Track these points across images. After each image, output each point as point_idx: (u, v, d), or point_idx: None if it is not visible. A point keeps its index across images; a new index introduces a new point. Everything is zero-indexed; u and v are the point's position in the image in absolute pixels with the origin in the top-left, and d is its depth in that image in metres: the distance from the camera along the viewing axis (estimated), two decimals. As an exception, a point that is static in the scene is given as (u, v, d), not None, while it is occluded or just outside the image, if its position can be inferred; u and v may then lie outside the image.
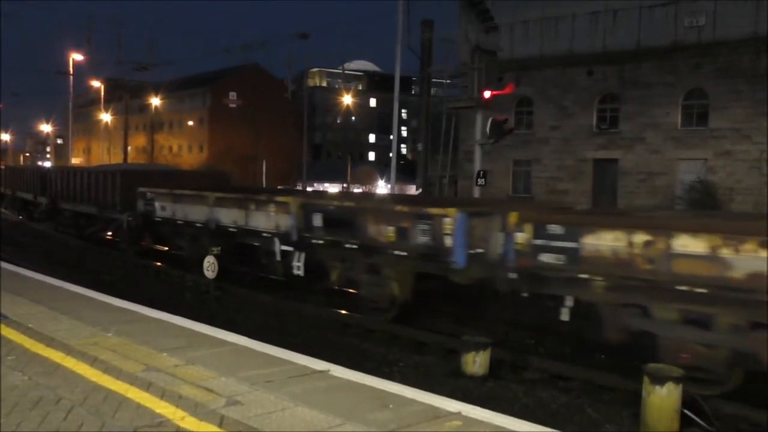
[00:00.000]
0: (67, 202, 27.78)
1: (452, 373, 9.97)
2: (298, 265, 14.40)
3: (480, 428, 5.40)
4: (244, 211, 16.00)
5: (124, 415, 5.47)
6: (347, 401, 5.97)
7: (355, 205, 13.74)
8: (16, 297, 10.34)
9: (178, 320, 9.31)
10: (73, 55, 58.72)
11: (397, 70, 27.04)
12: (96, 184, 24.59)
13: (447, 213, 11.39)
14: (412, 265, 12.25)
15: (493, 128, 20.91)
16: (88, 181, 25.51)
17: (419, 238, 11.79)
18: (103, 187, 23.97)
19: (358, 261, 13.20)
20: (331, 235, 13.60)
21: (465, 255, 11.21)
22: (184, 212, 18.35)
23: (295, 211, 14.43)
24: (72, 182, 27.22)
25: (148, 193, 20.07)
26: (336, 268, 13.78)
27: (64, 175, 28.73)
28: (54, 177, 29.97)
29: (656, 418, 7.68)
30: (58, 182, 29.07)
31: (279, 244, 14.87)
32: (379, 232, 12.56)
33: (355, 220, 13.03)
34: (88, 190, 25.36)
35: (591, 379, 9.74)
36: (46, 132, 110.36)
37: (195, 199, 17.98)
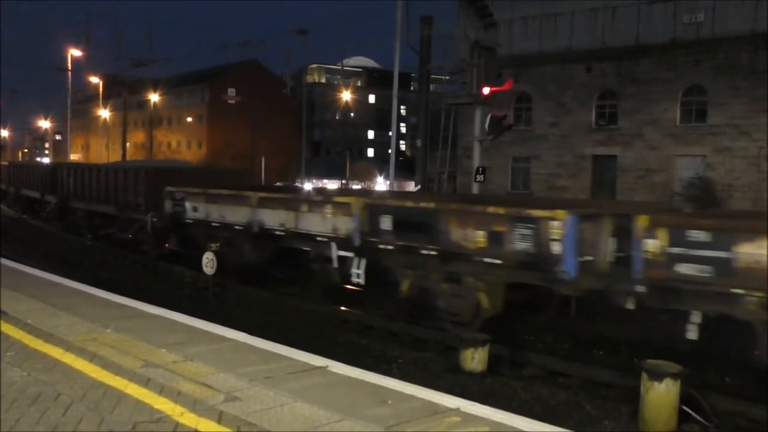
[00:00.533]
0: (80, 201, 26.27)
1: (451, 370, 9.99)
2: (358, 273, 13.11)
3: (478, 424, 5.40)
4: (294, 213, 14.59)
5: (123, 410, 5.47)
6: (346, 397, 5.97)
7: (436, 207, 12.05)
8: (15, 293, 10.33)
9: (177, 316, 9.30)
10: (71, 51, 58.60)
11: (396, 67, 27.01)
12: (115, 183, 23.06)
13: (555, 216, 10.05)
14: (506, 274, 10.90)
15: (492, 124, 20.91)
16: (106, 179, 23.96)
17: (518, 244, 10.45)
18: (123, 186, 22.46)
19: (435, 269, 11.90)
20: (403, 240, 12.24)
21: (575, 263, 9.94)
22: (221, 213, 16.83)
23: (358, 213, 13.06)
24: (86, 180, 25.65)
25: (177, 193, 18.53)
26: (407, 276, 12.40)
27: (77, 173, 27.22)
28: (65, 174, 28.20)
29: (655, 414, 7.69)
30: (70, 180, 27.41)
31: (336, 249, 13.58)
32: (465, 237, 11.20)
33: (435, 223, 11.66)
34: (105, 188, 23.80)
35: (590, 375, 9.75)
36: (45, 128, 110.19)
37: (235, 199, 16.47)
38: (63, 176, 28.35)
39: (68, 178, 27.63)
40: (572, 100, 35.37)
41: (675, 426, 7.74)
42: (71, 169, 28.77)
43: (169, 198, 18.85)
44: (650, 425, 7.71)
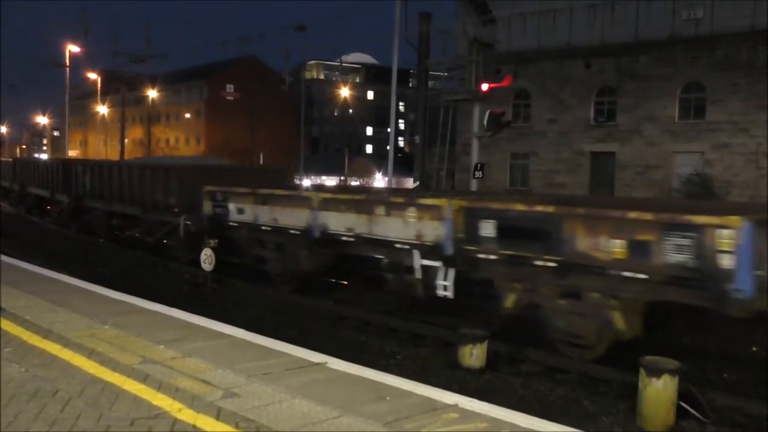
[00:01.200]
0: (97, 200, 24.67)
1: (449, 366, 10.00)
2: (446, 285, 11.59)
3: (477, 420, 5.41)
4: (367, 216, 12.98)
5: (121, 406, 5.47)
6: (344, 393, 5.97)
7: (557, 211, 10.22)
8: (13, 289, 10.33)
9: (175, 312, 9.31)
10: (69, 47, 58.49)
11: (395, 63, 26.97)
12: (141, 182, 21.44)
13: (726, 223, 8.40)
14: (650, 291, 9.24)
15: (491, 121, 20.89)
16: (129, 177, 22.27)
17: (671, 256, 8.85)
18: (151, 185, 20.83)
19: (549, 282, 10.33)
20: (510, 249, 10.63)
21: (752, 280, 8.37)
22: (273, 216, 15.13)
23: (451, 217, 11.47)
24: (106, 178, 23.99)
25: (218, 193, 16.83)
26: (513, 290, 10.83)
27: (94, 170, 25.51)
28: (81, 172, 26.52)
29: (652, 410, 7.71)
30: (86, 178, 25.76)
31: (420, 258, 12.09)
32: (595, 247, 9.57)
33: (555, 230, 10.03)
34: (129, 187, 22.15)
35: (587, 371, 9.76)
36: (43, 124, 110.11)
37: (292, 200, 14.85)
38: (78, 174, 26.74)
39: (84, 175, 26.08)
40: (571, 96, 35.37)
41: (673, 422, 7.76)
42: (88, 166, 26.98)
43: (209, 198, 17.11)
44: (648, 421, 7.73)
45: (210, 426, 5.12)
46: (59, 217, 28.77)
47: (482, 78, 21.18)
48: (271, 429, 5.08)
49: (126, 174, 22.71)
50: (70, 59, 59.35)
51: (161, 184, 20.29)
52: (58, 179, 28.51)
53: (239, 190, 16.34)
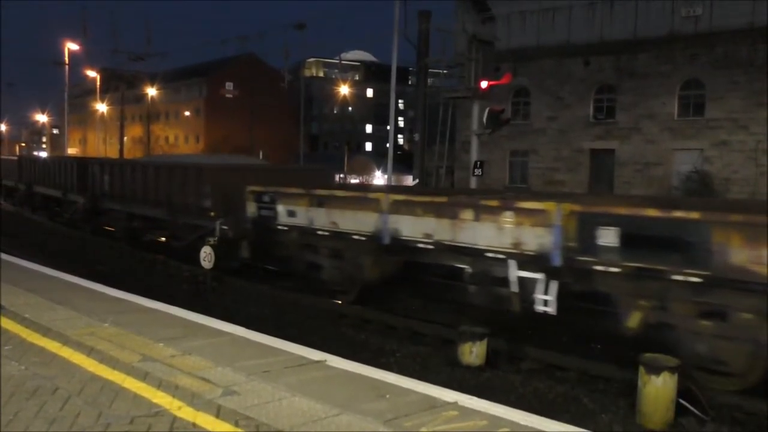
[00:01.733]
0: (116, 202, 22.92)
1: (449, 364, 10.00)
2: (547, 299, 10.27)
3: (476, 418, 5.41)
4: (450, 221, 11.56)
5: (121, 404, 5.47)
6: (344, 391, 5.97)
7: (704, 217, 8.77)
8: (13, 287, 10.32)
9: (175, 310, 9.30)
10: (68, 45, 58.44)
11: (394, 61, 26.97)
12: (169, 182, 19.75)
13: None
14: None
15: (490, 119, 20.90)
16: (155, 178, 20.57)
17: None
18: (181, 186, 19.06)
19: (687, 300, 8.95)
20: (637, 260, 9.21)
21: None
22: (331, 219, 13.52)
23: (559, 223, 10.03)
24: (128, 179, 22.27)
25: (265, 194, 15.21)
26: (639, 308, 9.43)
27: (114, 170, 23.79)
28: (98, 171, 24.66)
29: (652, 407, 7.71)
30: (104, 178, 23.93)
31: (516, 269, 10.73)
32: (755, 260, 8.19)
33: (701, 240, 8.63)
34: (155, 189, 20.46)
35: (587, 369, 9.77)
36: (42, 122, 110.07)
37: (356, 202, 13.23)
38: (95, 173, 24.88)
39: (102, 175, 24.29)
40: (570, 94, 35.38)
41: (672, 419, 7.76)
42: (107, 165, 25.19)
43: (254, 200, 15.49)
44: (648, 419, 7.73)
45: (210, 424, 5.12)
46: (72, 218, 26.92)
47: (481, 76, 21.20)
48: (270, 427, 5.07)
49: (152, 174, 20.85)
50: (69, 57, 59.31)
51: (193, 185, 18.44)
52: (72, 178, 26.59)
53: (291, 191, 14.67)
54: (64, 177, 27.61)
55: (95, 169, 25.08)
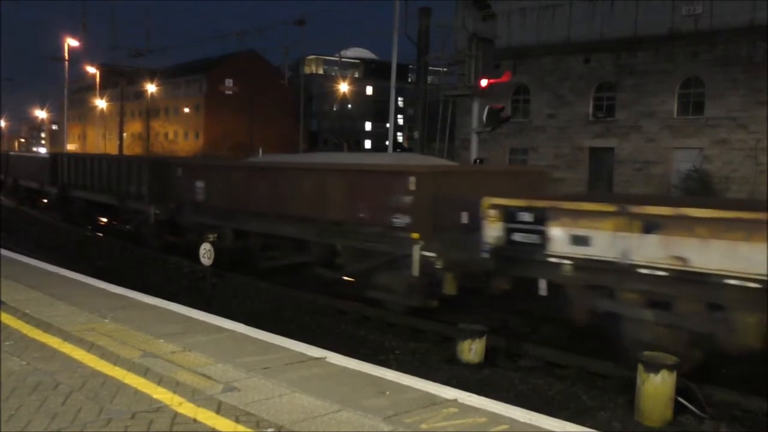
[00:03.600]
0: (227, 218, 16.95)
1: (448, 361, 10.02)
2: None
3: (476, 415, 5.44)
4: None
5: (121, 400, 5.49)
6: (344, 388, 6.00)
7: None
8: (13, 282, 10.34)
9: (175, 307, 9.33)
10: (68, 41, 58.39)
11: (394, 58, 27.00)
12: (331, 190, 14.07)
13: None
14: None
15: (490, 116, 20.89)
16: (314, 184, 14.57)
17: None
18: (351, 195, 13.44)
19: None
20: None
21: None
22: (675, 252, 8.70)
23: None
24: (267, 185, 15.97)
25: (524, 211, 10.52)
26: None
27: (215, 173, 18.17)
28: (187, 174, 18.78)
29: (650, 405, 7.74)
30: (196, 183, 18.02)
31: None
32: None
33: None
34: (299, 198, 14.75)
35: (586, 366, 9.79)
36: (41, 118, 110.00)
37: (728, 225, 8.31)
38: (181, 176, 19.10)
39: (193, 180, 18.34)
40: (570, 91, 35.38)
41: (671, 417, 7.79)
42: (206, 167, 19.07)
43: (500, 218, 10.79)
44: (646, 416, 7.76)
45: (210, 420, 5.14)
46: (139, 231, 21.39)
47: (481, 73, 21.19)
48: (271, 423, 5.10)
49: (307, 181, 14.76)
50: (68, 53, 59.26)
51: (383, 195, 12.76)
52: (138, 182, 21.32)
53: (582, 208, 10.05)
54: (131, 180, 21.96)
55: (180, 172, 19.32)
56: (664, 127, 32.38)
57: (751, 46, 29.52)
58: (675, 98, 32.16)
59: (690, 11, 31.06)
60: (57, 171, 28.68)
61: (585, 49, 34.34)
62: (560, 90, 35.69)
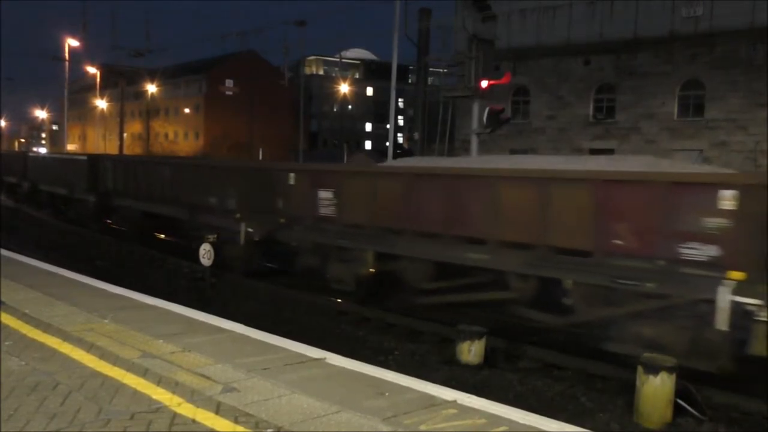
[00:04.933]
0: (424, 243, 12.37)
1: (447, 362, 10.02)
2: None
3: (475, 416, 5.44)
4: None
5: (121, 400, 5.49)
6: (343, 389, 5.99)
7: None
8: (13, 282, 10.34)
9: (174, 307, 9.32)
10: (68, 41, 58.39)
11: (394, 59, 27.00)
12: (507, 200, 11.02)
13: None
14: None
15: (490, 117, 20.89)
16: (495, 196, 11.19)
17: None
18: (665, 216, 9.19)
19: None
20: None
21: None
22: None
23: None
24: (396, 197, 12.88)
25: None
26: None
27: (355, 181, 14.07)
28: (317, 184, 14.56)
29: (650, 407, 7.74)
30: (355, 194, 13.77)
31: None
32: None
33: None
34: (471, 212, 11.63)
35: (585, 368, 9.79)
36: (41, 118, 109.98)
37: None
38: (299, 185, 15.14)
39: (318, 189, 14.47)
40: (570, 93, 35.40)
41: (670, 418, 7.79)
42: (337, 174, 14.78)
43: None
44: (645, 418, 7.76)
45: (209, 420, 5.14)
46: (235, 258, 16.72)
47: (481, 74, 21.19)
48: (270, 424, 5.10)
49: (518, 192, 11.06)
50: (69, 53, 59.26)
51: (651, 212, 9.34)
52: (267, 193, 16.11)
53: None
54: (197, 188, 18.55)
55: (294, 179, 15.32)
56: (663, 128, 32.41)
57: (750, 48, 29.54)
58: (675, 100, 32.19)
59: (690, 13, 31.07)
60: (97, 176, 24.92)
61: (585, 50, 34.36)
62: (560, 91, 35.71)
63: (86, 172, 25.41)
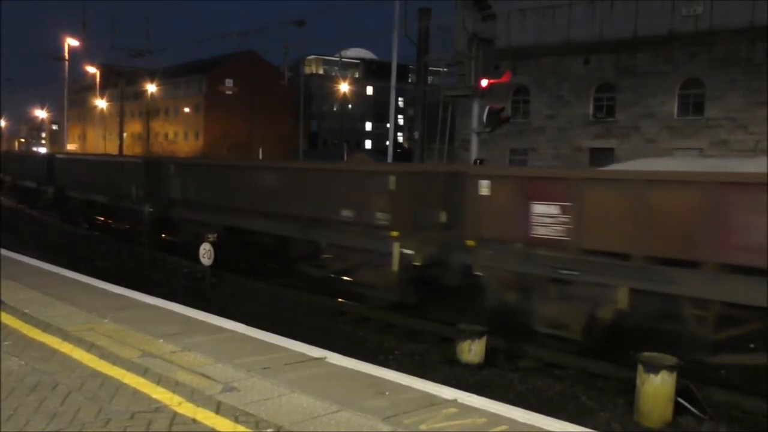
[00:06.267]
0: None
1: (448, 361, 10.02)
2: None
3: (475, 415, 5.43)
4: None
5: (121, 400, 5.48)
6: (343, 388, 5.98)
7: None
8: (13, 282, 10.32)
9: (174, 307, 9.31)
10: (68, 41, 58.34)
11: (394, 58, 26.99)
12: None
13: None
14: None
15: (490, 117, 20.85)
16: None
17: None
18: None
19: None
20: None
21: None
22: None
23: None
24: None
25: None
26: None
27: None
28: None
29: (650, 406, 7.74)
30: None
31: None
32: None
33: None
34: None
35: (585, 367, 9.79)
36: (41, 118, 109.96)
37: None
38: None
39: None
40: (570, 92, 35.39)
41: (670, 417, 7.79)
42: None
43: None
44: (646, 417, 7.76)
45: (209, 420, 5.13)
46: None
47: (481, 74, 21.15)
48: (270, 423, 5.09)
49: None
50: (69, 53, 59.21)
51: None
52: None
53: None
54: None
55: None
56: (663, 127, 32.40)
57: (750, 47, 29.53)
58: (675, 99, 32.18)
59: (690, 12, 31.06)
60: (160, 183, 20.58)
61: (585, 49, 34.34)
62: (560, 91, 35.69)
63: (142, 178, 21.56)
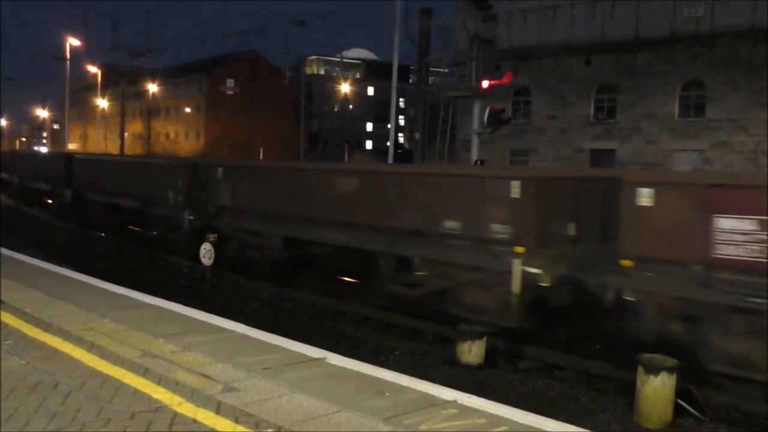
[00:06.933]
0: None
1: (448, 362, 10.02)
2: None
3: (475, 416, 5.43)
4: None
5: (121, 400, 5.49)
6: (343, 389, 5.99)
7: None
8: (13, 282, 10.33)
9: (174, 306, 9.32)
10: (69, 40, 58.35)
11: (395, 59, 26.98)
12: None
13: None
14: None
15: (491, 117, 20.83)
16: None
17: None
18: None
19: None
20: None
21: None
22: None
23: None
24: None
25: None
26: None
27: None
28: None
29: (650, 407, 7.74)
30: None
31: None
32: None
33: None
34: None
35: (586, 368, 9.79)
36: (42, 117, 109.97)
37: None
38: None
39: None
40: (571, 93, 35.38)
41: (670, 419, 7.79)
42: None
43: None
44: (646, 418, 7.76)
45: (210, 420, 5.14)
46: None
47: (482, 74, 21.14)
48: (270, 423, 5.09)
49: None
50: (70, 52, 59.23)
51: None
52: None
53: None
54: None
55: None
56: (664, 128, 32.38)
57: (751, 48, 29.53)
58: (676, 100, 32.17)
59: (691, 13, 31.05)
60: (207, 188, 18.19)
61: (586, 50, 34.32)
62: (561, 91, 35.69)
63: (182, 181, 19.46)
